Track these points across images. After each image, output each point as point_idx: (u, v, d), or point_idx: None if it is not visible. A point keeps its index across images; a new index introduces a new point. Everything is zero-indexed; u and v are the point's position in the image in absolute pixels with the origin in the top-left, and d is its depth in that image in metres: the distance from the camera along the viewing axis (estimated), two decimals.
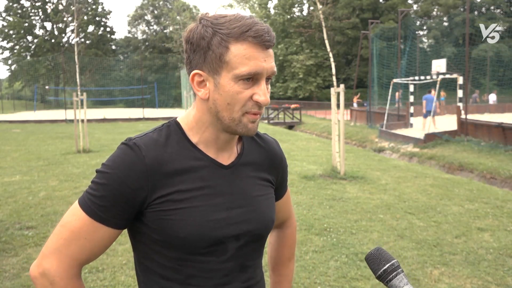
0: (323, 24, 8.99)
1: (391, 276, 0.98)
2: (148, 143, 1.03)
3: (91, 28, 57.31)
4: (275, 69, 1.03)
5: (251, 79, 0.99)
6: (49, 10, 55.37)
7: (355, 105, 27.61)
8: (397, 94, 21.40)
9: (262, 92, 1.00)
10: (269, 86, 1.04)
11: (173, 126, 1.08)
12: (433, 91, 15.92)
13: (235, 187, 1.09)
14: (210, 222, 1.03)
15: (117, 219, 1.02)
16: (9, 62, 56.31)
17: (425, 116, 15.77)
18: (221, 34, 0.98)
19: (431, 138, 13.49)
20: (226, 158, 1.10)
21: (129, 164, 1.00)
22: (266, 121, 26.06)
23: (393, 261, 0.99)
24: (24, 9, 55.41)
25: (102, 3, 58.64)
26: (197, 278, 1.05)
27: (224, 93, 1.00)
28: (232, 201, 1.07)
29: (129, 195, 1.00)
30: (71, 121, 23.02)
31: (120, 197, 1.00)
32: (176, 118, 1.12)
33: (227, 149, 1.11)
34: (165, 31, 61.68)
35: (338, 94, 8.05)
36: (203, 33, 1.00)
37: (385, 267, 0.99)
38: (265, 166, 1.18)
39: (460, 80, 14.08)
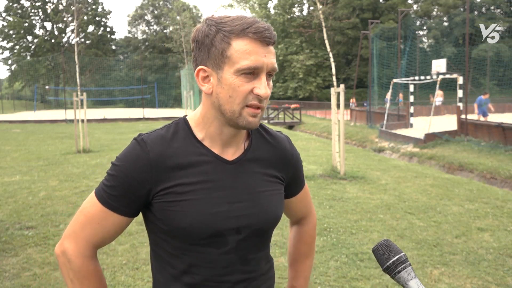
0: (323, 24, 9.00)
1: (399, 268, 0.97)
2: (154, 139, 1.10)
3: (91, 28, 57.33)
4: (276, 65, 1.07)
5: (252, 73, 1.04)
6: (49, 10, 55.38)
7: (352, 104, 27.85)
8: (400, 95, 21.52)
9: (263, 86, 1.04)
10: (271, 83, 1.08)
11: (182, 123, 1.14)
12: (487, 95, 17.00)
13: (238, 182, 1.12)
14: (211, 215, 1.08)
15: (127, 208, 1.10)
16: (9, 62, 56.32)
17: (484, 115, 16.51)
18: (224, 31, 1.04)
19: (431, 138, 13.49)
20: (231, 154, 1.14)
21: (135, 158, 1.08)
22: (266, 121, 26.05)
23: (401, 254, 0.99)
24: (24, 9, 55.42)
25: (102, 3, 58.65)
26: (198, 267, 1.11)
27: (226, 86, 1.04)
28: (234, 196, 1.11)
29: (135, 186, 1.07)
30: (71, 121, 23.03)
31: (128, 188, 1.07)
32: (185, 116, 1.17)
33: (233, 144, 1.14)
34: (165, 31, 61.66)
35: (338, 94, 8.05)
36: (207, 31, 1.06)
37: (394, 259, 0.98)
38: (273, 162, 1.20)
39: (460, 80, 14.07)
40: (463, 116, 13.71)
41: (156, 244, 1.15)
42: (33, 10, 55.87)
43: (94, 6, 56.99)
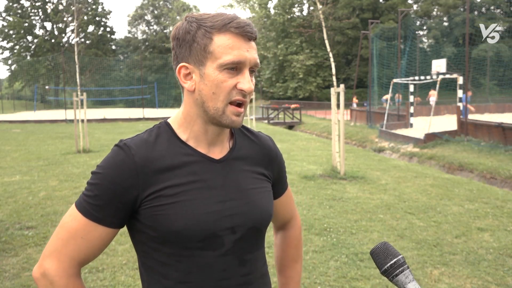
0: (323, 24, 9.00)
1: (397, 271, 0.97)
2: (138, 143, 1.06)
3: (91, 28, 57.34)
4: (258, 61, 1.06)
5: (235, 68, 1.02)
6: (49, 10, 55.38)
7: (354, 105, 27.84)
8: (385, 96, 21.56)
9: (246, 80, 1.03)
10: (253, 79, 1.07)
11: (163, 126, 1.11)
12: (470, 92, 16.97)
13: (227, 181, 1.10)
14: (204, 215, 1.04)
15: (112, 218, 1.04)
16: (9, 62, 56.33)
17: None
18: (205, 27, 1.03)
19: (431, 138, 13.49)
20: (218, 153, 1.12)
21: (120, 164, 1.03)
22: (266, 121, 26.05)
23: (399, 257, 0.98)
24: (24, 9, 55.41)
25: (102, 3, 58.65)
26: (195, 274, 1.06)
27: (209, 82, 1.02)
28: (225, 194, 1.08)
29: (121, 193, 1.02)
30: (71, 121, 23.05)
31: (113, 195, 1.02)
32: (167, 119, 1.15)
33: (218, 143, 1.12)
34: (165, 31, 61.69)
35: (338, 94, 8.05)
36: (188, 28, 1.05)
37: (391, 262, 0.97)
38: (259, 160, 1.19)
39: (460, 80, 14.07)
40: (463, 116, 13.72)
41: (145, 256, 1.08)
42: (33, 10, 55.87)
43: (94, 6, 56.98)
